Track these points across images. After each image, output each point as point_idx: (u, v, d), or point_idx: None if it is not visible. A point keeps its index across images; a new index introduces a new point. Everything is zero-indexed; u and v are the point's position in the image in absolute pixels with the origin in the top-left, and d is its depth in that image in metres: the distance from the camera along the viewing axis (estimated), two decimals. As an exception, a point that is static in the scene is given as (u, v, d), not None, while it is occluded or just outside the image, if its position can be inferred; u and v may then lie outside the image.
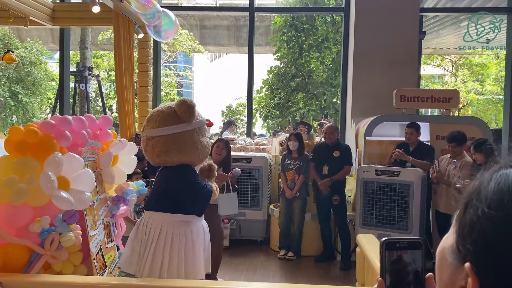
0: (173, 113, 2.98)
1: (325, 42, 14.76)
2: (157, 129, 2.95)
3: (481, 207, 0.59)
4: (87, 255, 3.06)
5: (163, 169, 3.07)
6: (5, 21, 5.76)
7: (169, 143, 2.94)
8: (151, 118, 3.02)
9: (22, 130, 2.85)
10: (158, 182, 3.10)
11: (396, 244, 0.76)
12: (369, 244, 3.21)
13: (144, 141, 3.03)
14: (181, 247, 2.89)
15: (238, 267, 5.28)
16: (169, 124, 2.95)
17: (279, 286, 3.38)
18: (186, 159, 3.01)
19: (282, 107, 15.60)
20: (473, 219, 0.60)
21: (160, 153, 2.94)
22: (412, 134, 5.22)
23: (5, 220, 2.68)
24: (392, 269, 0.76)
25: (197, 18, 16.75)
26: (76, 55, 17.06)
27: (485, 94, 19.00)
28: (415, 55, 7.03)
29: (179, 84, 28.31)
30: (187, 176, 3.02)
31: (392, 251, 0.76)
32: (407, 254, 0.76)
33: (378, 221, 5.12)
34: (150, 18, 5.66)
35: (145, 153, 3.08)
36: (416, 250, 0.76)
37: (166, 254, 2.86)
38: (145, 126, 3.04)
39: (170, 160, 2.97)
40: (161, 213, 2.96)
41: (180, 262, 2.87)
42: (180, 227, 2.94)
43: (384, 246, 0.76)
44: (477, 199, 0.61)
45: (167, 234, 2.89)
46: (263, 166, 6.14)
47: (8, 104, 17.28)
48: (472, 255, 0.60)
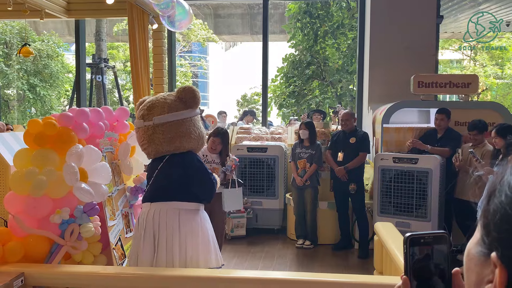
0: (178, 100, 2.97)
1: (341, 28, 14.57)
2: (168, 115, 2.91)
3: (504, 193, 0.58)
4: (107, 245, 3.11)
5: (170, 158, 2.96)
6: (22, 14, 5.82)
7: (181, 128, 2.92)
8: (154, 105, 2.95)
9: (41, 123, 2.89)
10: (168, 171, 2.95)
11: (420, 239, 0.73)
12: (387, 232, 3.19)
13: (149, 129, 2.92)
14: (196, 235, 2.89)
15: (256, 255, 5.31)
16: (177, 110, 2.94)
17: (296, 275, 3.39)
18: (193, 145, 3.01)
19: (297, 96, 15.50)
20: (497, 206, 0.58)
21: (172, 139, 2.90)
22: (442, 120, 5.14)
23: (26, 212, 2.73)
24: (417, 265, 0.73)
25: (211, 7, 16.68)
26: (91, 47, 17.19)
27: (505, 78, 18.60)
28: (433, 39, 6.90)
29: (194, 74, 28.35)
30: (199, 163, 3.03)
31: (417, 247, 0.73)
32: (432, 249, 0.73)
33: (396, 209, 5.08)
34: (164, 8, 5.65)
35: (149, 143, 2.94)
36: (441, 245, 0.73)
37: (186, 243, 2.84)
38: (149, 113, 2.94)
39: (181, 146, 2.94)
40: (174, 202, 2.89)
41: (197, 250, 2.87)
42: (194, 215, 2.93)
43: (408, 242, 0.73)
44: (500, 187, 0.59)
45: (181, 224, 2.85)
46: (279, 155, 6.14)
47: (26, 96, 17.54)
48: (497, 243, 0.57)
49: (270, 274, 2.89)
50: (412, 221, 4.95)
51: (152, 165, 3.07)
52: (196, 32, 18.03)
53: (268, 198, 6.15)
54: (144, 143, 2.99)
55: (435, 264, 0.73)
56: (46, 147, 2.85)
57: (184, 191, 2.92)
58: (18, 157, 2.86)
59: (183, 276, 2.54)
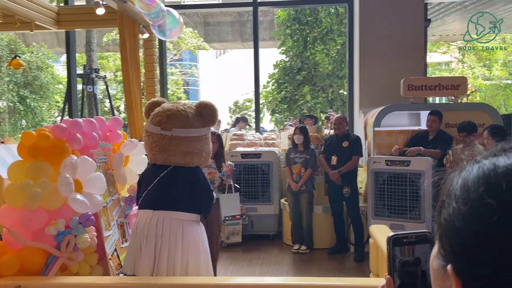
0: (198, 115, 3.00)
1: (330, 34, 14.68)
2: (188, 130, 2.93)
3: (451, 205, 0.57)
4: (103, 255, 3.10)
5: (176, 168, 2.94)
6: (11, 26, 5.80)
7: (196, 145, 2.96)
8: (175, 116, 2.93)
9: (34, 135, 2.89)
10: (173, 181, 2.94)
11: (403, 239, 0.74)
12: (382, 234, 3.21)
13: (165, 138, 2.90)
14: (197, 245, 2.89)
15: (253, 262, 5.30)
16: (196, 126, 2.97)
17: (293, 280, 3.40)
18: (203, 161, 3.08)
19: (289, 101, 15.57)
20: (446, 218, 0.57)
21: (186, 154, 2.93)
22: (434, 122, 5.20)
23: (21, 224, 2.72)
24: (400, 265, 0.73)
25: (201, 15, 16.73)
26: (82, 58, 17.14)
27: (493, 79, 18.80)
28: (421, 43, 6.98)
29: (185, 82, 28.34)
30: (205, 179, 3.10)
31: (399, 247, 0.74)
32: (415, 248, 0.74)
33: (390, 211, 5.12)
34: (154, 17, 5.67)
35: (160, 151, 2.92)
36: (424, 244, 0.74)
37: (188, 252, 2.84)
38: (167, 123, 2.92)
39: (191, 162, 2.96)
40: (178, 213, 2.88)
41: (198, 260, 2.88)
42: (196, 225, 2.95)
43: (391, 242, 0.74)
44: (448, 199, 0.58)
45: (184, 234, 2.84)
46: (273, 161, 6.15)
47: (17, 108, 17.44)
48: (451, 256, 0.57)
49: (268, 280, 2.90)
50: (406, 223, 4.99)
51: (152, 170, 3.03)
52: (187, 41, 18.05)
53: (263, 204, 6.16)
54: (155, 149, 2.95)
55: (418, 263, 0.74)
56: (40, 159, 2.85)
57: (188, 204, 2.93)
58: (12, 169, 2.86)
59: (181, 284, 2.54)
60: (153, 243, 2.82)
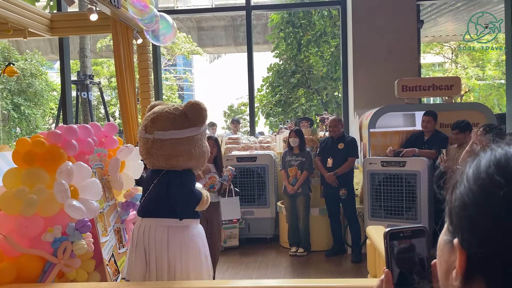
0: (184, 116, 2.85)
1: (323, 37, 14.72)
2: (169, 132, 2.80)
3: (463, 184, 0.62)
4: (100, 261, 3.09)
5: (166, 173, 2.87)
6: (5, 34, 5.79)
7: (180, 147, 2.81)
8: (158, 118, 2.84)
9: (29, 142, 2.88)
10: (159, 187, 2.87)
11: (399, 234, 0.76)
12: (379, 235, 3.22)
13: (148, 142, 2.84)
14: (185, 251, 2.81)
15: (250, 265, 5.30)
16: (180, 127, 2.82)
17: (291, 282, 3.40)
18: (193, 164, 2.93)
19: (284, 104, 15.58)
20: (457, 196, 0.62)
21: (169, 157, 2.81)
22: (429, 122, 5.22)
23: (18, 232, 2.71)
24: (398, 259, 0.76)
25: (194, 20, 16.75)
26: (76, 64, 17.11)
27: (486, 79, 18.91)
28: (414, 44, 7.02)
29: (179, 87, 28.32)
30: (186, 180, 2.90)
31: (396, 241, 0.76)
32: (411, 242, 0.76)
33: (386, 212, 5.13)
34: (148, 23, 5.68)
35: (147, 155, 2.88)
36: (420, 238, 0.76)
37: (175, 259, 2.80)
38: (151, 126, 2.85)
39: (177, 165, 2.84)
40: (163, 219, 2.82)
41: (187, 267, 2.80)
42: (183, 231, 2.84)
43: (388, 237, 0.76)
44: (460, 179, 0.64)
45: (169, 240, 2.78)
46: (269, 164, 6.16)
47: (11, 116, 17.37)
48: (459, 229, 0.61)
49: (266, 283, 2.89)
50: (403, 223, 5.00)
51: (150, 176, 2.98)
52: (180, 46, 18.07)
53: (259, 207, 6.16)
54: (143, 154, 2.93)
55: (415, 256, 0.76)
56: (36, 166, 2.84)
57: (170, 210, 2.84)
58: (7, 176, 2.85)
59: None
60: (143, 251, 2.81)
